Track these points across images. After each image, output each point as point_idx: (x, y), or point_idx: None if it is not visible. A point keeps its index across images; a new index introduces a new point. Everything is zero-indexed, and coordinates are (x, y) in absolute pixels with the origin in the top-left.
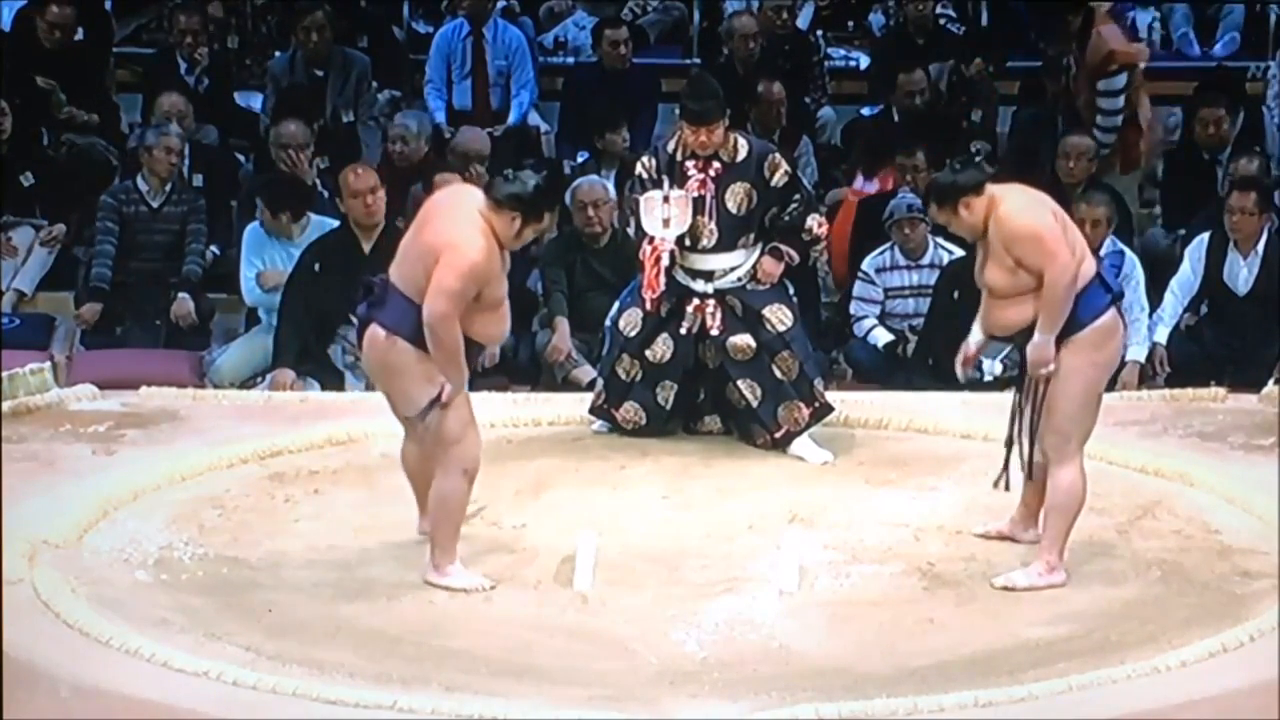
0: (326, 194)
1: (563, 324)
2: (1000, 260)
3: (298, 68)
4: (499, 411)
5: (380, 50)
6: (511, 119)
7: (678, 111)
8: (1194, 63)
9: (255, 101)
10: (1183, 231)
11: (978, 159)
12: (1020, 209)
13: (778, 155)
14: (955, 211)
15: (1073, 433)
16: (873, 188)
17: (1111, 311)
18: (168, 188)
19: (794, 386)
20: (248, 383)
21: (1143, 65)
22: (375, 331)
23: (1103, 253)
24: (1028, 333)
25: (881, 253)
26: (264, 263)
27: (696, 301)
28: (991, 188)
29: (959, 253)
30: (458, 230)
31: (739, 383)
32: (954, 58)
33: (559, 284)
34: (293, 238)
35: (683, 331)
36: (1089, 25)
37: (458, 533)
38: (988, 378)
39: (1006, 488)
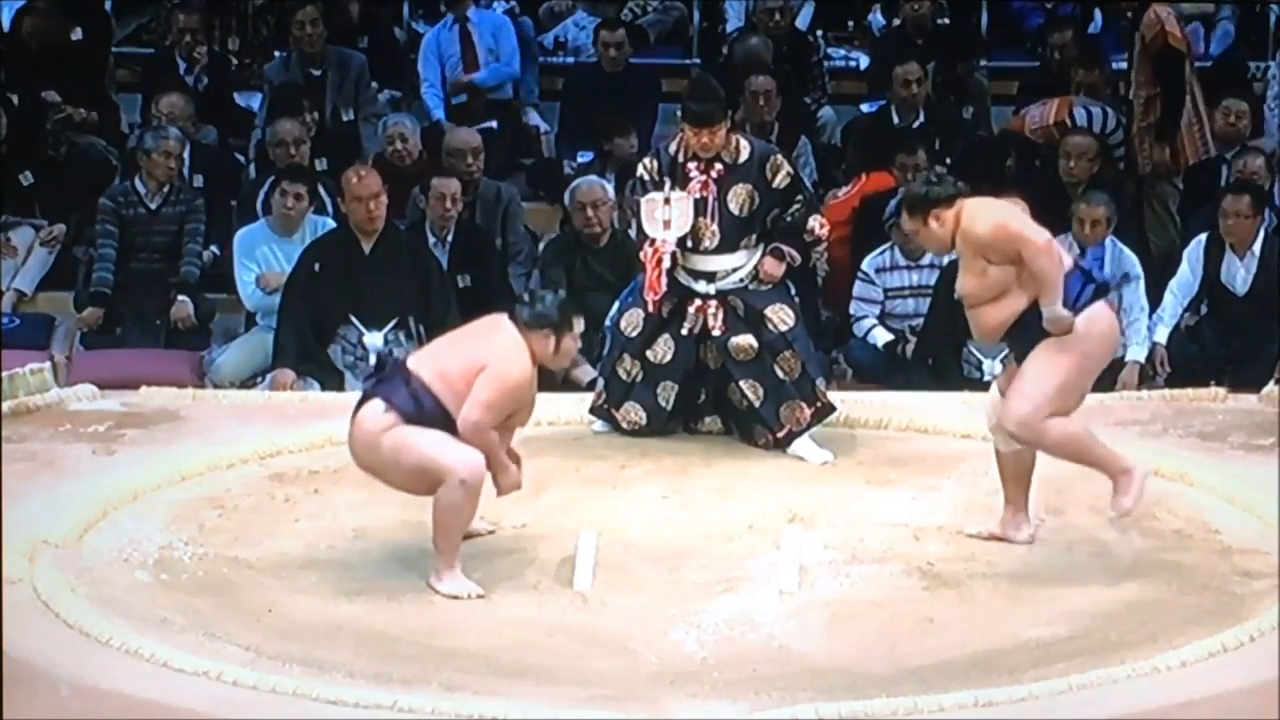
0: (327, 196)
1: None
2: (970, 267)
3: (293, 68)
4: None
5: (381, 50)
6: (491, 79)
7: (679, 113)
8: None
9: (255, 102)
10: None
11: (948, 177)
12: (981, 211)
13: (780, 156)
14: (925, 222)
15: (1046, 409)
16: (844, 191)
17: (1100, 303)
18: (165, 190)
19: (796, 386)
20: (248, 383)
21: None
22: (375, 405)
23: (1104, 253)
24: (1015, 330)
25: (881, 253)
26: (259, 265)
27: (698, 302)
28: (961, 201)
29: None
30: (506, 346)
31: (741, 383)
32: (941, 57)
33: (559, 284)
34: (294, 232)
35: (684, 332)
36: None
37: (455, 541)
38: (988, 378)
39: None
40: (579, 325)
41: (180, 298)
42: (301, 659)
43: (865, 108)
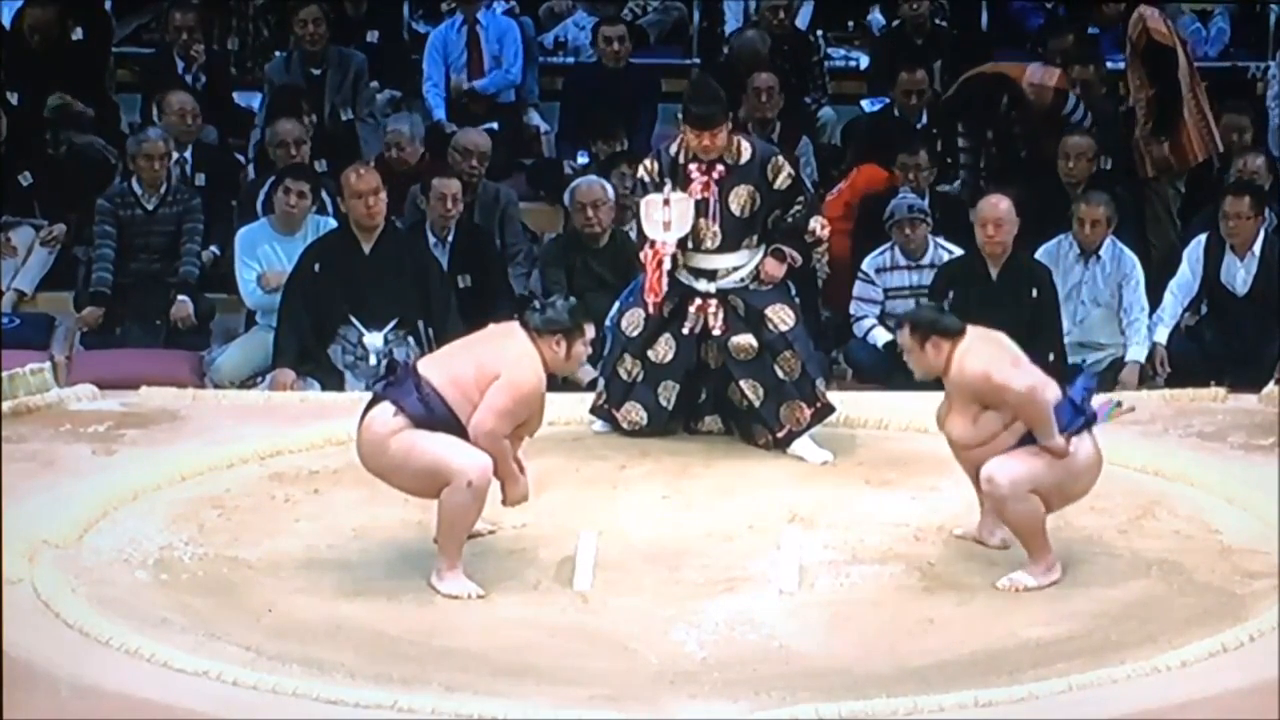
0: (327, 197)
1: None
2: (961, 410)
3: (294, 68)
4: None
5: (388, 48)
6: (492, 86)
7: (680, 115)
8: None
9: (255, 101)
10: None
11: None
12: (972, 358)
13: (781, 157)
14: (922, 345)
15: (1031, 481)
16: (836, 187)
17: (1089, 437)
18: (161, 190)
19: (796, 386)
20: (248, 383)
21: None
22: (384, 409)
23: (1103, 253)
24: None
25: (881, 253)
26: (261, 263)
27: (699, 301)
28: (963, 339)
29: (959, 252)
30: (519, 354)
31: (741, 382)
32: (947, 59)
33: (559, 284)
34: (296, 230)
35: (685, 332)
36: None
37: (459, 543)
38: None
39: None
40: (589, 330)
41: (180, 297)
42: (301, 659)
43: (867, 105)
